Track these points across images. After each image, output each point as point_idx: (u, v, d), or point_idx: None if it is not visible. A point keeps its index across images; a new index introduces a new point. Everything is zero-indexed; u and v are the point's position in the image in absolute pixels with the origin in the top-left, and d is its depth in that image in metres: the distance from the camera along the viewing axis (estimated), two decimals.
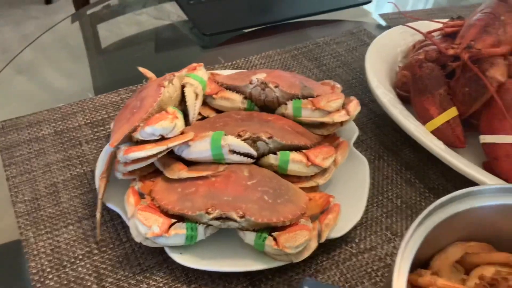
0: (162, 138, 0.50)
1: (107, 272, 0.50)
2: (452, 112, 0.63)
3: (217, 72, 0.69)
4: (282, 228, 0.48)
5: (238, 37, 0.90)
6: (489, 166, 0.60)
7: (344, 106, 0.59)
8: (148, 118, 0.51)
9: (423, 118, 0.64)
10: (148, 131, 0.49)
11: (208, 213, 0.47)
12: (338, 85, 0.67)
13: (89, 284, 0.49)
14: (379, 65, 0.73)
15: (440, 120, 0.63)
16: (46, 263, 0.50)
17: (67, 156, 0.63)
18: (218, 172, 0.51)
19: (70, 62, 0.84)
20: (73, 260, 0.51)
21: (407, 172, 0.64)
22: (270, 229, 0.48)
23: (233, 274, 0.50)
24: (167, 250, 0.49)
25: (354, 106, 0.59)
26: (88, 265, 0.50)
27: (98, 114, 0.70)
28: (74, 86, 0.78)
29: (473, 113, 0.63)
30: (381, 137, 0.70)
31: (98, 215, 0.52)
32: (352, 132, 0.65)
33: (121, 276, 0.50)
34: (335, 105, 0.58)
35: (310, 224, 0.49)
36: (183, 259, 0.48)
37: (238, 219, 0.47)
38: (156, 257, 0.51)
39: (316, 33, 0.92)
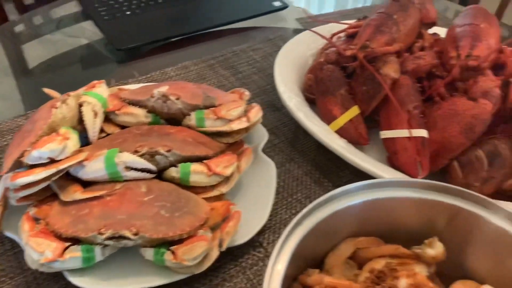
0: (53, 161, 0.49)
1: None
2: (354, 110, 0.65)
3: (125, 87, 0.69)
4: (181, 241, 0.48)
5: (154, 50, 0.89)
6: (391, 161, 0.63)
7: (246, 113, 0.60)
8: (37, 141, 0.50)
9: (327, 118, 0.66)
10: (35, 155, 0.48)
11: (100, 233, 0.46)
12: (247, 93, 0.68)
13: None
14: (289, 70, 0.75)
15: (343, 119, 0.65)
16: None
17: None
18: (113, 191, 0.50)
19: None
20: None
21: (316, 172, 0.66)
22: (169, 243, 0.48)
23: None
24: (65, 274, 0.48)
25: (255, 113, 0.60)
26: None
27: (4, 139, 0.67)
28: None
29: (375, 110, 0.66)
30: (293, 140, 0.71)
31: None
32: (262, 137, 0.66)
33: None
34: (236, 113, 0.59)
35: (209, 234, 0.49)
36: (84, 282, 0.47)
37: (132, 237, 0.46)
38: (58, 283, 0.50)
39: (234, 42, 0.93)
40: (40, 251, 0.45)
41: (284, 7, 1.02)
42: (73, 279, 0.47)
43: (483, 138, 0.59)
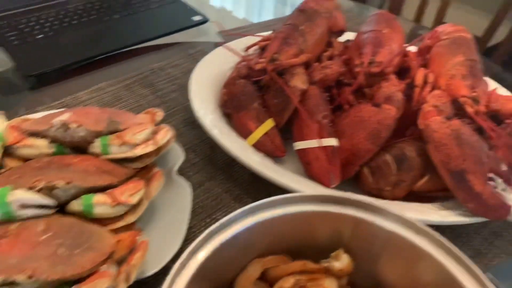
0: None
1: None
2: (269, 123, 0.65)
3: (31, 117, 0.65)
4: (83, 279, 0.45)
5: (68, 74, 0.86)
6: (306, 171, 0.63)
7: (153, 135, 0.58)
8: None
9: (243, 133, 0.65)
10: None
11: None
12: (160, 113, 0.66)
13: None
14: (205, 86, 0.74)
15: (258, 133, 0.64)
16: None
17: None
18: (6, 233, 0.47)
19: None
20: None
21: (236, 189, 0.65)
22: (69, 283, 0.45)
23: None
24: None
25: (163, 135, 0.58)
26: None
27: None
28: None
29: (290, 121, 0.66)
30: (212, 158, 0.70)
31: None
32: (178, 157, 0.64)
33: None
34: (142, 137, 0.57)
35: (112, 269, 0.47)
36: None
37: (26, 281, 0.43)
38: None
39: (153, 59, 0.91)
40: None
41: (204, 21, 1.01)
42: None
43: (392, 142, 0.60)
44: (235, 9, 1.21)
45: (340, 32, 0.76)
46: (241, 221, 0.43)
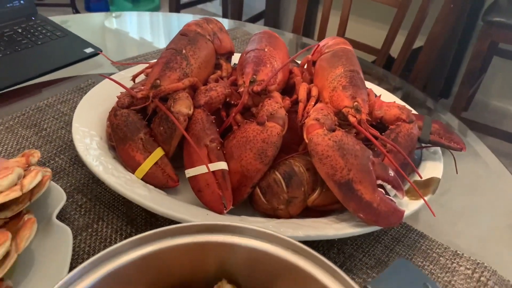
0: None
1: None
2: (158, 153, 0.61)
3: None
4: None
5: None
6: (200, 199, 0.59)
7: (20, 180, 0.52)
8: None
9: (131, 166, 0.61)
10: None
11: None
12: (37, 154, 0.60)
13: None
14: (91, 120, 0.69)
15: (147, 164, 0.61)
16: None
17: None
18: None
19: None
20: None
21: (128, 228, 0.60)
22: None
23: None
24: None
25: (31, 179, 0.53)
26: None
27: None
28: None
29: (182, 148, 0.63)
30: (101, 197, 0.65)
31: None
32: (58, 199, 0.59)
33: None
34: (6, 183, 0.51)
35: None
36: None
37: None
38: None
39: (41, 97, 0.85)
40: None
41: (96, 53, 0.96)
42: None
43: (282, 159, 0.59)
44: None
45: (229, 54, 0.75)
46: (121, 256, 0.38)
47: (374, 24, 2.11)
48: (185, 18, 1.33)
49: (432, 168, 0.65)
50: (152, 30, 1.24)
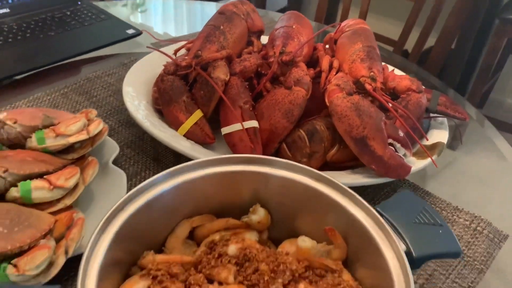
0: None
1: None
2: (198, 114, 0.71)
3: None
4: (23, 253, 0.49)
5: (5, 86, 0.88)
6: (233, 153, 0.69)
7: (86, 127, 0.62)
8: None
9: (175, 125, 0.71)
10: None
11: None
12: (94, 111, 0.70)
13: None
14: (138, 87, 0.79)
15: (188, 123, 0.70)
16: None
17: None
18: None
19: None
20: None
21: None
22: (11, 258, 0.49)
23: None
24: None
25: (95, 126, 0.63)
26: None
27: None
28: None
29: (217, 110, 0.72)
30: (147, 150, 0.75)
31: None
32: (113, 150, 0.69)
33: None
34: (75, 128, 0.61)
35: (51, 243, 0.50)
36: None
37: None
38: None
39: (89, 70, 0.96)
40: None
41: (138, 34, 1.06)
42: None
43: (305, 120, 0.68)
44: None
45: (260, 32, 0.84)
46: (161, 184, 0.48)
47: (390, 19, 2.17)
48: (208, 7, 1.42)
49: (438, 135, 0.73)
50: (177, 17, 1.34)
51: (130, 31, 1.07)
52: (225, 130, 0.68)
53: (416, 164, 0.67)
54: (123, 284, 0.44)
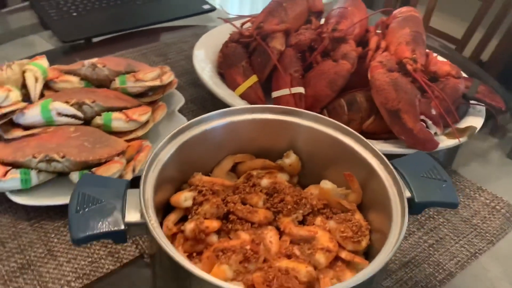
0: None
1: None
2: (253, 78, 0.81)
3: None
4: (100, 165, 0.62)
5: (95, 44, 1.04)
6: None
7: (160, 76, 0.75)
8: None
9: (232, 86, 0.81)
10: None
11: (34, 157, 0.59)
12: (167, 67, 0.82)
13: None
14: (206, 53, 0.90)
15: (244, 86, 0.80)
16: None
17: None
18: (46, 130, 0.63)
19: None
20: None
21: None
22: (91, 167, 0.62)
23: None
24: (8, 194, 0.60)
25: (167, 76, 0.75)
26: None
27: None
28: None
29: (270, 77, 0.81)
30: (207, 106, 0.86)
31: None
32: (179, 101, 0.81)
33: None
34: (151, 76, 0.73)
35: (123, 161, 0.63)
36: (21, 199, 0.60)
37: (59, 159, 0.59)
38: (1, 205, 0.62)
39: (167, 36, 1.09)
40: None
41: (212, 9, 1.18)
42: (14, 198, 0.60)
43: (349, 92, 0.75)
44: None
45: (319, 13, 0.92)
46: (215, 120, 0.58)
47: (455, 18, 2.13)
48: None
49: (473, 121, 0.78)
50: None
51: (206, 7, 1.19)
52: (275, 94, 0.77)
53: (445, 142, 0.72)
54: (174, 194, 0.55)
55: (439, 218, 0.68)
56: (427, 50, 0.81)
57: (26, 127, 0.65)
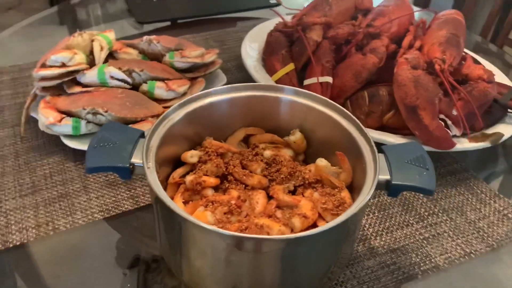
0: (64, 66, 0.75)
1: (23, 154, 0.75)
2: (290, 66, 0.86)
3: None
4: (136, 122, 0.72)
5: (166, 26, 1.17)
6: None
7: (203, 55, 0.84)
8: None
9: (271, 71, 0.88)
10: (52, 58, 0.74)
11: (84, 108, 0.71)
12: (216, 50, 0.91)
13: (9, 158, 0.73)
14: (255, 41, 0.98)
15: (281, 72, 0.87)
16: None
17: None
18: (98, 89, 0.75)
19: None
20: (2, 146, 0.76)
21: None
22: (128, 123, 0.72)
23: None
24: (62, 138, 0.73)
25: (209, 56, 0.84)
26: (11, 150, 0.75)
27: None
28: None
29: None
30: None
31: (22, 119, 0.77)
32: (221, 80, 0.89)
33: (31, 156, 0.74)
34: (195, 54, 0.83)
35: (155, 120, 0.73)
36: (71, 143, 0.72)
37: (103, 113, 0.71)
38: (56, 147, 0.76)
39: (229, 25, 1.19)
40: (46, 116, 0.71)
41: (277, 4, 1.26)
42: (66, 141, 0.73)
43: (374, 85, 0.78)
44: None
45: (367, 11, 0.95)
46: (236, 93, 0.64)
47: None
48: None
49: (504, 128, 0.76)
50: None
51: (272, 1, 1.27)
52: (306, 81, 0.83)
53: (465, 144, 0.72)
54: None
55: (443, 216, 0.68)
56: (466, 54, 0.81)
57: (84, 86, 0.78)
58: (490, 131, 0.76)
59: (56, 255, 0.61)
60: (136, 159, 0.54)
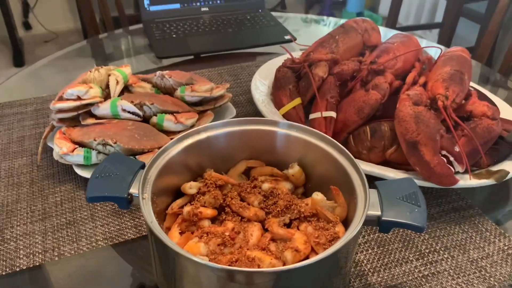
0: (79, 99, 0.80)
1: (38, 181, 0.79)
2: (297, 101, 0.89)
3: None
4: (143, 153, 0.75)
5: (184, 62, 1.22)
6: None
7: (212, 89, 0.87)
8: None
9: (278, 106, 0.90)
10: (69, 91, 0.79)
11: (95, 140, 0.75)
12: (227, 84, 0.95)
13: (25, 186, 0.78)
14: (264, 76, 1.01)
15: (288, 106, 0.89)
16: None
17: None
18: (110, 121, 0.79)
19: None
20: (19, 173, 0.80)
21: None
22: (136, 154, 0.75)
23: None
24: (74, 167, 0.77)
25: (218, 90, 0.87)
26: (28, 177, 0.79)
27: None
28: None
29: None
30: None
31: (40, 148, 0.82)
32: (231, 113, 0.92)
33: (45, 183, 0.78)
34: (205, 88, 0.86)
35: None
36: (83, 173, 0.76)
37: (112, 144, 0.74)
38: (69, 175, 0.79)
39: (245, 60, 1.22)
40: (60, 147, 0.75)
41: (290, 40, 1.29)
42: (78, 171, 0.76)
43: (377, 120, 0.79)
44: None
45: (374, 47, 0.97)
46: (236, 127, 0.67)
47: None
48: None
49: (510, 165, 0.75)
50: None
51: (287, 37, 1.30)
52: (311, 116, 0.84)
53: (468, 182, 0.72)
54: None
55: (444, 253, 0.68)
56: (472, 90, 0.81)
57: (98, 118, 0.82)
58: (496, 168, 0.75)
59: (60, 280, 0.63)
60: (134, 190, 0.56)
